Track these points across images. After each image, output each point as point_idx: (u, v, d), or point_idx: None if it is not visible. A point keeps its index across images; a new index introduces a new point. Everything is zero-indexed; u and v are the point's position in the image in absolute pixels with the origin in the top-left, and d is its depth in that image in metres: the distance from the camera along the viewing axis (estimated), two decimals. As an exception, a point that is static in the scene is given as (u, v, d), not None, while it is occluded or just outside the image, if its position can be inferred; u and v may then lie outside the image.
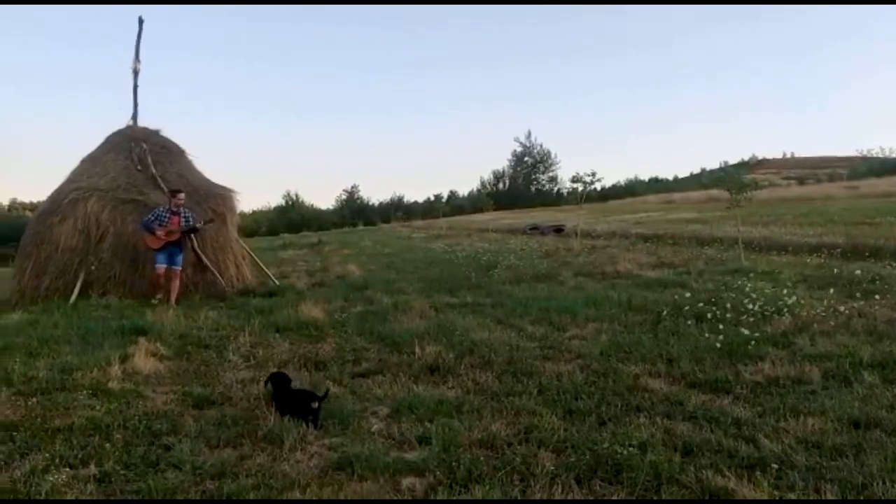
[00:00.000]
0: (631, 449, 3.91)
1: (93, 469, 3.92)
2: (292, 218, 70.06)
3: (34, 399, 5.28)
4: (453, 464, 3.81)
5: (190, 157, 13.35)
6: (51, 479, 3.72)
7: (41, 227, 11.73)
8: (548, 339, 7.07)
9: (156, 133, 13.23)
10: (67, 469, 3.91)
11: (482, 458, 3.90)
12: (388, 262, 17.32)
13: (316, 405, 4.65)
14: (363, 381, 5.82)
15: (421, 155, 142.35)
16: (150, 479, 3.73)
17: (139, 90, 13.09)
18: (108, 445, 4.26)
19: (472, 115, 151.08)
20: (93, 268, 10.98)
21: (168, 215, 10.83)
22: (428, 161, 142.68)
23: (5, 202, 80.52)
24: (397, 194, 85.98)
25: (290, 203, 77.16)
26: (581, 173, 18.85)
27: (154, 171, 12.17)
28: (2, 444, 4.27)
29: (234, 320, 8.78)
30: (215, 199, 12.32)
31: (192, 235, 11.18)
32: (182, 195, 11.10)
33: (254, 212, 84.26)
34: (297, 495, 3.48)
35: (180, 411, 5.05)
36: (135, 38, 13.05)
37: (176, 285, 10.75)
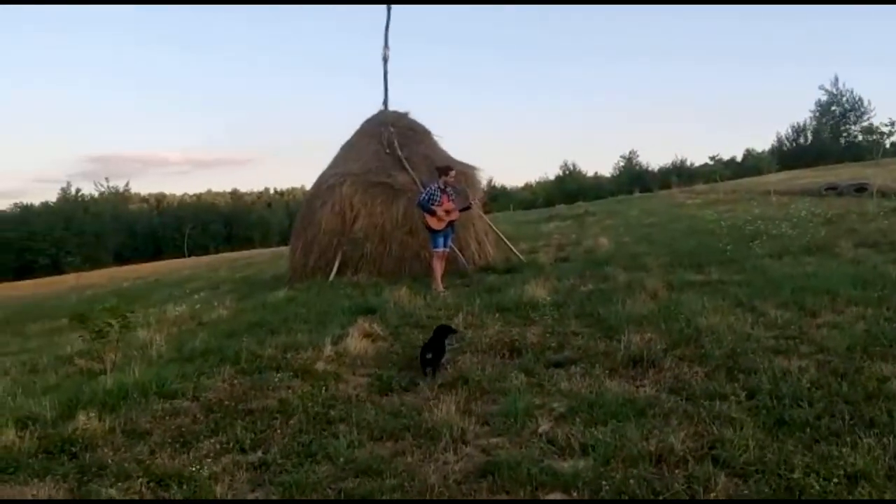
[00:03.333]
0: (835, 481, 3.10)
1: (258, 455, 4.07)
2: (569, 188, 69.84)
3: (248, 378, 5.68)
4: (603, 482, 3.32)
5: (435, 137, 13.75)
6: (215, 464, 3.92)
7: (308, 211, 12.92)
8: (789, 327, 6.06)
9: (404, 116, 13.80)
10: (236, 454, 4.10)
11: (642, 478, 3.35)
12: (645, 234, 16.39)
13: (430, 356, 5.35)
14: (556, 371, 5.42)
15: (709, 114, 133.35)
16: (300, 472, 3.76)
17: (388, 76, 13.68)
18: (279, 431, 4.40)
19: (768, 64, 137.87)
20: (345, 248, 11.78)
21: (439, 194, 10.35)
22: (717, 120, 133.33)
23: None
24: (679, 158, 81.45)
25: (567, 173, 77.06)
26: (878, 123, 15.99)
27: (400, 153, 12.68)
28: (195, 424, 4.61)
29: (460, 299, 8.81)
30: (459, 176, 12.47)
31: None
32: (453, 172, 10.64)
33: (535, 183, 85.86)
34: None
35: (364, 397, 5.09)
36: (383, 26, 13.64)
37: (443, 265, 10.52)
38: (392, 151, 12.78)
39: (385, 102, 13.65)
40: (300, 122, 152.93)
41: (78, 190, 71.39)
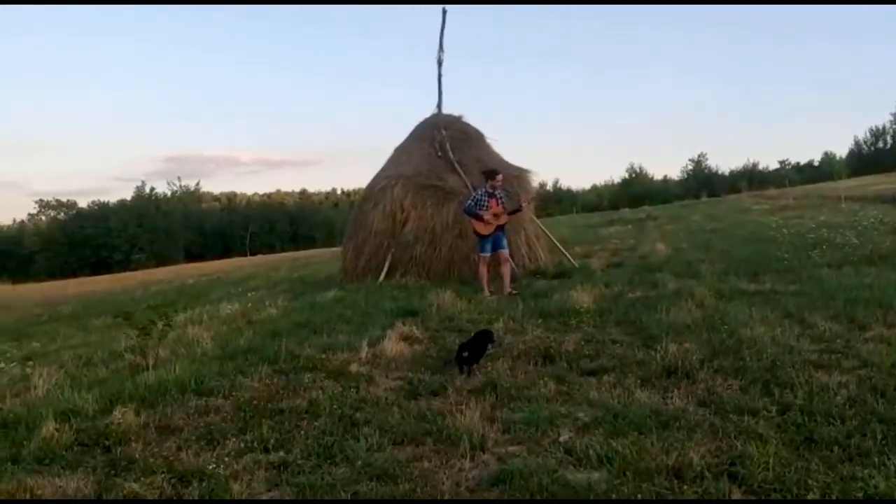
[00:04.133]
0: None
1: (279, 456, 4.12)
2: (635, 191, 68.80)
3: (283, 377, 5.78)
4: (613, 495, 3.27)
5: (488, 141, 13.74)
6: (236, 463, 4.00)
7: (360, 213, 13.10)
8: (836, 341, 5.83)
9: (458, 119, 13.82)
10: (259, 453, 4.17)
11: (654, 492, 3.29)
12: (704, 240, 16.00)
13: (466, 354, 5.59)
14: (588, 379, 5.35)
15: (784, 116, 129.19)
16: (317, 474, 3.80)
17: (443, 78, 13.69)
18: (304, 432, 4.46)
19: (844, 65, 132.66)
20: (394, 250, 11.87)
21: (487, 198, 10.28)
22: (795, 123, 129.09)
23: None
24: (751, 161, 79.34)
25: (634, 176, 75.95)
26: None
27: (452, 156, 12.71)
28: (225, 423, 4.71)
29: (503, 304, 8.79)
30: (510, 180, 12.44)
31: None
32: (500, 176, 10.60)
33: (601, 186, 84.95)
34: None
35: (393, 400, 5.11)
36: (438, 29, 13.67)
37: (507, 269, 10.42)
38: (444, 154, 12.82)
39: (439, 105, 13.69)
40: (369, 125, 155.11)
41: (152, 188, 74.02)
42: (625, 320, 7.31)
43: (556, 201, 65.28)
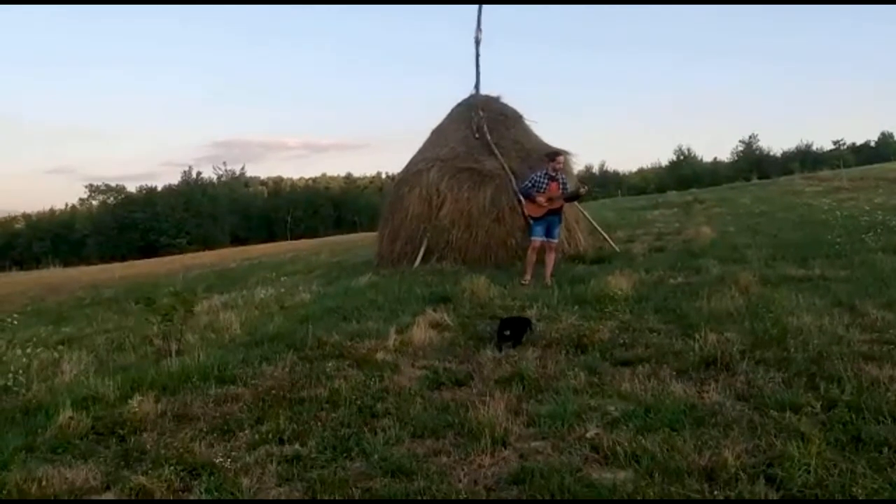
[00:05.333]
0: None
1: (294, 448, 3.97)
2: (683, 174, 67.32)
3: (308, 365, 5.65)
4: (639, 496, 3.05)
5: (527, 122, 13.39)
6: (249, 455, 3.87)
7: (395, 196, 12.90)
8: (888, 331, 5.50)
9: (495, 100, 13.48)
10: (273, 445, 4.03)
11: (683, 495, 3.05)
12: (752, 224, 15.46)
13: (507, 333, 5.92)
14: (621, 370, 5.10)
15: (839, 95, 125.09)
16: (330, 468, 3.65)
17: (481, 59, 13.39)
18: (321, 423, 4.31)
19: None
20: (427, 235, 11.67)
21: (546, 181, 9.74)
22: (848, 102, 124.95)
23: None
24: (804, 142, 76.91)
25: (682, 158, 74.33)
26: None
27: (489, 138, 12.41)
28: (242, 412, 4.59)
29: (539, 290, 8.55)
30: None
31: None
32: (561, 158, 10.12)
33: (648, 169, 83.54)
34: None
35: (416, 390, 4.93)
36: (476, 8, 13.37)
37: (552, 259, 9.79)
38: (481, 136, 12.53)
39: (476, 86, 13.38)
40: (415, 109, 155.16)
41: (199, 173, 75.00)
42: (663, 307, 7.03)
43: (601, 184, 64.23)
